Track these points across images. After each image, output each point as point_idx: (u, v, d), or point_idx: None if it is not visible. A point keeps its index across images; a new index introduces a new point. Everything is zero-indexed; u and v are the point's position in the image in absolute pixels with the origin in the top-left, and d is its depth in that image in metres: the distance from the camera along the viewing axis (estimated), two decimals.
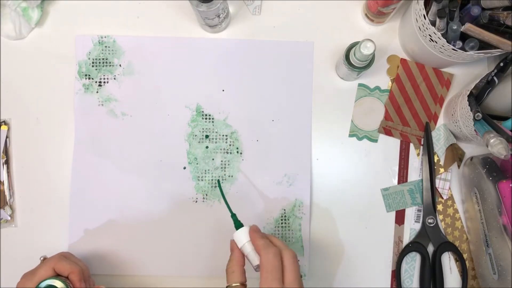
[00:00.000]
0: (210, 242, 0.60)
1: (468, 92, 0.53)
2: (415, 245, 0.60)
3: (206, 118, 0.61)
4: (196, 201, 0.60)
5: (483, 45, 0.52)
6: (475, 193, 0.57)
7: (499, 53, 0.52)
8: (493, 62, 0.62)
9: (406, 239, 0.61)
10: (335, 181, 0.61)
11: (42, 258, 0.53)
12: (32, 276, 0.49)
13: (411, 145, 0.62)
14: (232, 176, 0.61)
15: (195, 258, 0.60)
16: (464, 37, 0.52)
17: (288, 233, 0.60)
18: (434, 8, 0.51)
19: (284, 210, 0.60)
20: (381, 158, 0.62)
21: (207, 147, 0.61)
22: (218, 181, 0.60)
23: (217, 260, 0.60)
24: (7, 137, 0.60)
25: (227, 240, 0.60)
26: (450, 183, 0.61)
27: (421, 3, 0.51)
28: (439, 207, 0.61)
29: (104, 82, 0.61)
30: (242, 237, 0.48)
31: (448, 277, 0.60)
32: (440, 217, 0.61)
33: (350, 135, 0.62)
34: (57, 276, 0.49)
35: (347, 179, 0.61)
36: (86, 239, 0.60)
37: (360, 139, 0.62)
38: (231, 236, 0.60)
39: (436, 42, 0.52)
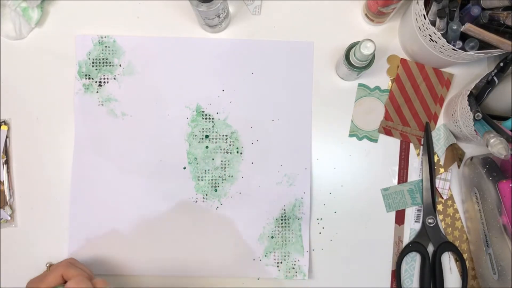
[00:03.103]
0: (210, 242, 0.60)
1: (468, 92, 0.53)
2: (415, 245, 0.60)
3: (206, 118, 0.61)
4: (196, 201, 0.60)
5: (483, 45, 0.52)
6: (475, 193, 0.57)
7: (499, 53, 0.52)
8: (493, 62, 0.62)
9: (406, 239, 0.61)
10: (335, 181, 0.61)
11: (48, 265, 0.52)
12: (39, 282, 0.49)
13: (411, 145, 0.62)
14: (232, 176, 0.61)
15: (195, 258, 0.60)
16: (464, 37, 0.52)
17: (288, 233, 0.60)
18: (434, 8, 0.51)
19: (284, 210, 0.60)
20: (381, 158, 0.62)
21: (207, 147, 0.61)
22: None
23: (217, 260, 0.60)
24: (7, 137, 0.60)
25: (227, 240, 0.60)
26: (450, 183, 0.61)
27: (421, 3, 0.51)
28: (439, 207, 0.61)
29: (104, 82, 0.61)
30: None
31: (448, 277, 0.60)
32: (440, 217, 0.61)
33: (350, 135, 0.62)
34: (66, 282, 0.49)
35: (347, 179, 0.61)
36: (86, 238, 0.60)
37: (360, 139, 0.62)
38: (231, 236, 0.60)
39: (436, 42, 0.52)
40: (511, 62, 0.54)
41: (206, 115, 0.61)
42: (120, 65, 0.61)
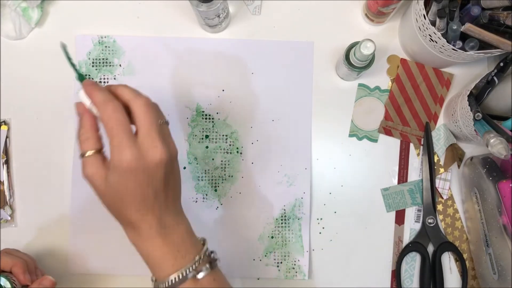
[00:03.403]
0: (209, 242, 0.60)
1: (468, 92, 0.53)
2: (415, 245, 0.60)
3: (206, 118, 0.61)
4: (196, 201, 0.60)
5: (483, 45, 0.52)
6: (475, 193, 0.57)
7: (499, 53, 0.52)
8: (493, 62, 0.62)
9: (406, 239, 0.61)
10: (335, 181, 0.61)
11: None
12: None
13: (411, 145, 0.62)
14: (232, 176, 0.61)
15: None
16: (464, 37, 0.52)
17: (288, 233, 0.60)
18: (434, 8, 0.51)
19: (284, 210, 0.60)
20: (381, 158, 0.62)
21: (207, 147, 0.61)
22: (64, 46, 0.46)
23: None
24: (7, 137, 0.60)
25: (227, 240, 0.60)
26: (450, 183, 0.61)
27: (421, 3, 0.51)
28: (439, 207, 0.61)
29: (104, 82, 0.61)
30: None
31: (448, 277, 0.60)
32: (440, 217, 0.61)
33: (350, 135, 0.62)
34: (1, 272, 0.49)
35: (347, 179, 0.61)
36: (86, 238, 0.60)
37: (360, 139, 0.62)
38: (231, 236, 0.60)
39: (436, 42, 0.52)
40: (511, 62, 0.54)
41: (206, 115, 0.61)
42: (120, 65, 0.61)
